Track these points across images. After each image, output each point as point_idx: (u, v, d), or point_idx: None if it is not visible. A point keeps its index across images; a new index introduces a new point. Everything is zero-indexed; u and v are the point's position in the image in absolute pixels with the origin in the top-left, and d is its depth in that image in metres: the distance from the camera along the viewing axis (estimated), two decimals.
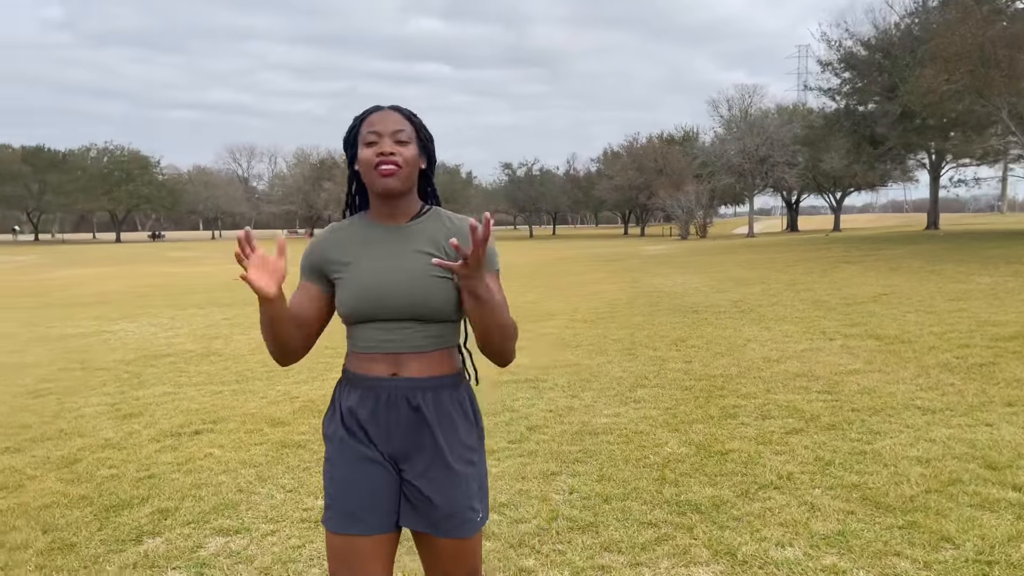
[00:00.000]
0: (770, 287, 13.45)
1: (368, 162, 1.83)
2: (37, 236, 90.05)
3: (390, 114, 1.88)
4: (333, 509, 1.84)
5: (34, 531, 3.55)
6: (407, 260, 1.85)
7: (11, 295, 17.89)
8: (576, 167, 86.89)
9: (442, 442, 1.86)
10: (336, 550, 1.83)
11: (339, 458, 1.87)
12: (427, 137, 1.94)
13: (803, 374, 6.25)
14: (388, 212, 1.91)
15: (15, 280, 23.81)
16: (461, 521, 1.88)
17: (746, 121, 50.66)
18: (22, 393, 6.66)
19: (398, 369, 1.85)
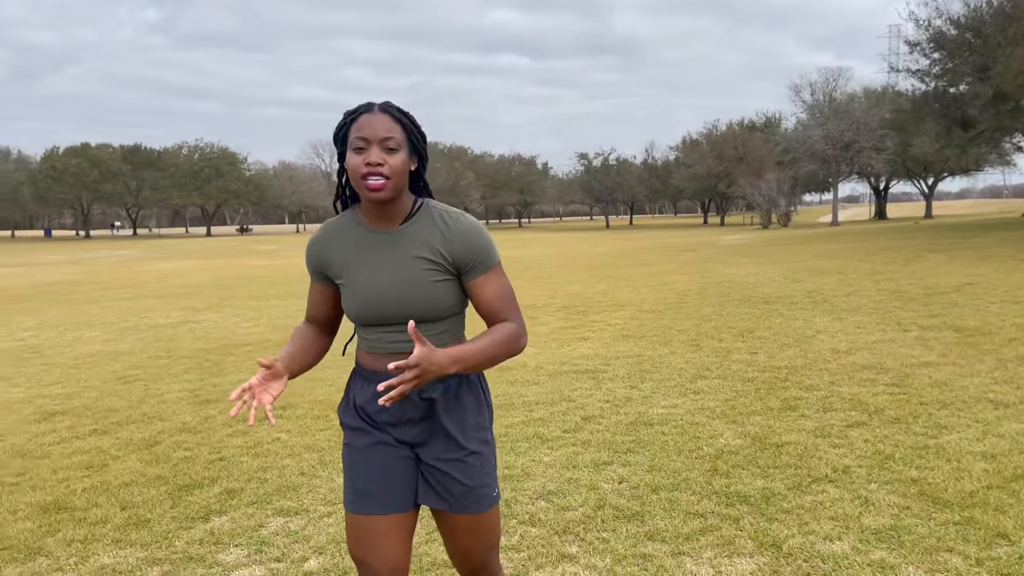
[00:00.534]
0: (847, 277, 13.04)
1: (355, 171, 1.80)
2: (135, 231, 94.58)
3: (380, 118, 1.82)
4: (355, 491, 1.93)
5: (113, 508, 3.81)
6: (406, 268, 1.87)
7: (111, 287, 18.92)
8: (654, 156, 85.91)
9: (455, 428, 1.95)
10: (355, 529, 1.93)
11: (356, 443, 1.96)
12: (419, 138, 1.88)
13: (872, 366, 6.08)
14: (379, 216, 1.89)
15: (115, 272, 25.14)
16: (478, 497, 1.97)
17: (831, 106, 48.98)
18: (112, 379, 7.08)
19: None
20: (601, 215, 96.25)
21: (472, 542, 2.00)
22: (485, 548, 2.03)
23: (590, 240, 42.02)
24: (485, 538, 2.02)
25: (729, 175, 62.70)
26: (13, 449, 4.89)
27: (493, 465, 2.03)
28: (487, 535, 2.02)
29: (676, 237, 40.65)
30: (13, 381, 7.17)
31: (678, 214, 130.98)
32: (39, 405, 6.10)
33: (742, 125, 70.39)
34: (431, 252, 1.88)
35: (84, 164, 79.03)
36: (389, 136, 1.80)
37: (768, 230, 45.15)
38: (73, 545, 3.38)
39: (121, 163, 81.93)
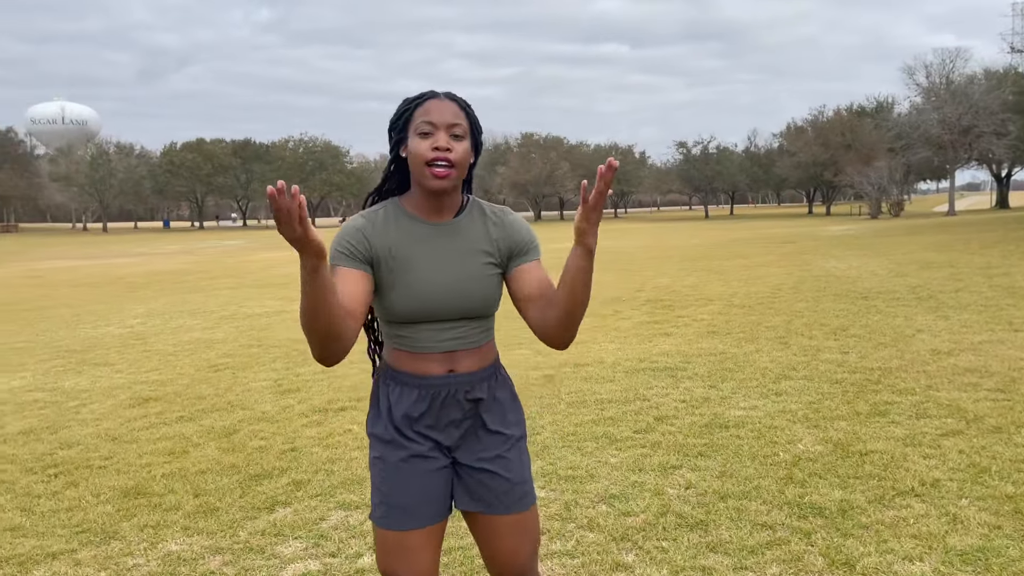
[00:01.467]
0: (958, 271, 12.24)
1: (421, 155, 1.74)
2: (245, 222, 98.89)
3: (448, 104, 1.78)
4: (388, 506, 1.85)
5: (187, 494, 3.94)
6: (465, 263, 1.84)
7: (216, 276, 19.80)
8: (757, 144, 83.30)
9: (498, 426, 1.92)
10: (386, 543, 1.86)
11: (392, 457, 1.86)
12: (479, 130, 1.85)
13: (975, 369, 5.66)
14: (435, 208, 1.83)
15: (222, 262, 26.31)
16: (522, 494, 1.92)
17: (948, 88, 46.18)
18: (205, 367, 7.38)
19: (454, 366, 1.87)
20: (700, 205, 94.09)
21: (514, 546, 1.93)
22: (528, 554, 1.95)
23: (686, 231, 41.15)
24: (528, 542, 1.95)
25: (836, 163, 60.16)
26: (106, 433, 5.14)
27: (529, 461, 1.99)
28: (529, 538, 1.95)
29: (777, 228, 39.28)
30: (116, 367, 7.56)
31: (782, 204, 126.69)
32: (136, 391, 6.40)
33: (850, 110, 67.34)
34: (489, 245, 1.87)
35: (199, 159, 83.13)
36: (456, 123, 1.76)
37: (877, 220, 43.06)
38: (146, 531, 3.51)
39: (232, 157, 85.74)
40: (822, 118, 68.14)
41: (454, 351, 1.86)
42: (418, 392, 1.86)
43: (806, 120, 70.95)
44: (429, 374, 1.85)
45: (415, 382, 1.86)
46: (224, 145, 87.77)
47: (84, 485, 4.11)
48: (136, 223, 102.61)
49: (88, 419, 5.53)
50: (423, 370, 1.85)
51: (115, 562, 3.20)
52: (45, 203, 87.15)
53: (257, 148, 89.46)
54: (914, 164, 49.68)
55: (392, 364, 1.90)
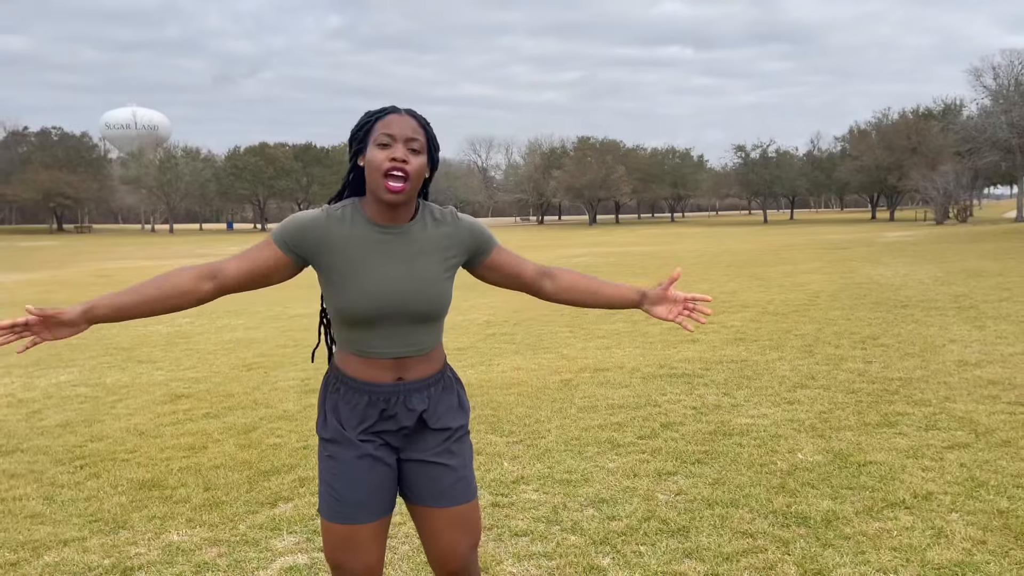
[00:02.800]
0: (1008, 280, 11.85)
1: (377, 166, 1.81)
2: None
3: (407, 119, 1.86)
4: (340, 502, 1.92)
5: (198, 488, 4.13)
6: (418, 266, 1.91)
7: None
8: (820, 147, 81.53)
9: (445, 424, 2.01)
10: (339, 539, 1.95)
11: (344, 455, 1.94)
12: (436, 147, 1.95)
13: (999, 381, 5.52)
14: (389, 216, 1.90)
15: None
16: (464, 487, 2.00)
17: (1017, 91, 44.49)
18: (239, 365, 7.64)
19: (403, 373, 1.94)
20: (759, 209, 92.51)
21: (456, 538, 2.00)
22: (468, 546, 2.03)
23: (741, 236, 40.55)
24: (469, 534, 2.02)
25: (900, 167, 58.54)
26: (135, 428, 5.40)
27: (471, 457, 2.07)
28: (470, 531, 2.02)
29: (835, 233, 38.41)
30: (158, 364, 7.89)
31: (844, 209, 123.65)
32: (171, 388, 6.68)
33: (916, 113, 65.42)
34: (443, 249, 1.95)
35: (261, 162, 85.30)
36: (415, 137, 1.86)
37: (942, 226, 41.75)
38: (153, 521, 3.70)
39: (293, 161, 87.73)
40: (886, 121, 66.38)
41: (404, 358, 1.93)
42: (368, 399, 1.93)
43: (870, 123, 69.27)
44: (378, 381, 1.93)
45: (365, 388, 1.93)
46: (286, 149, 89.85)
47: (105, 477, 4.34)
48: (201, 225, 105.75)
49: (122, 414, 5.80)
50: (373, 377, 1.93)
51: (120, 550, 3.39)
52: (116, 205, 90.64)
53: (317, 152, 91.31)
54: (981, 168, 47.94)
55: (342, 368, 1.97)
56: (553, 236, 50.91)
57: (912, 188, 55.30)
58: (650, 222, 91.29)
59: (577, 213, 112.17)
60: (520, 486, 3.95)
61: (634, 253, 25.68)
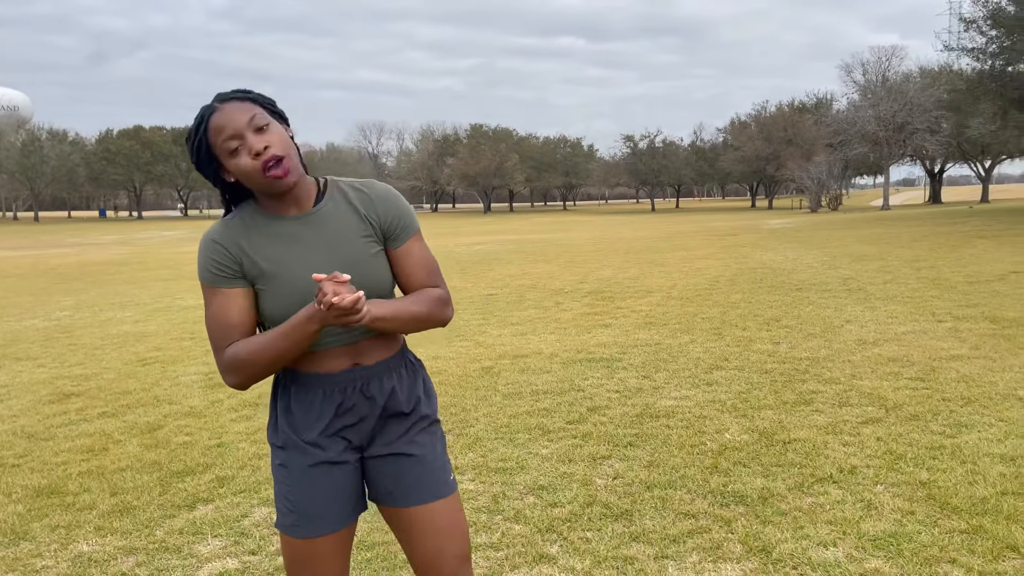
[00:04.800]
0: (888, 263, 12.60)
1: (248, 172, 1.63)
2: (186, 212, 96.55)
3: (229, 107, 1.64)
4: (297, 515, 1.77)
5: (103, 493, 3.81)
6: (343, 249, 1.73)
7: (153, 268, 19.28)
8: (703, 138, 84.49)
9: (411, 411, 1.84)
10: (299, 555, 1.78)
11: (297, 464, 1.77)
12: (279, 110, 1.74)
13: (898, 359, 5.82)
14: (290, 202, 1.73)
15: (159, 253, 25.63)
16: (437, 478, 1.83)
17: (884, 86, 47.46)
18: (133, 361, 7.16)
19: (359, 359, 1.77)
20: (647, 198, 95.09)
21: (438, 545, 1.81)
22: (454, 556, 1.82)
23: (632, 224, 41.57)
24: (452, 539, 1.82)
25: (778, 157, 61.40)
26: (22, 431, 4.95)
27: (444, 448, 1.90)
28: (453, 536, 1.82)
29: (720, 221, 39.94)
30: (39, 361, 7.30)
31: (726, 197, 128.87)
32: (58, 386, 6.18)
33: (792, 106, 68.75)
34: (361, 223, 1.75)
35: (136, 146, 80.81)
36: (250, 116, 1.63)
37: (816, 214, 44.12)
38: (57, 531, 3.39)
39: (172, 145, 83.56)
40: (765, 113, 69.45)
41: (357, 342, 1.76)
42: (322, 392, 1.75)
43: (750, 116, 72.28)
44: (332, 371, 1.75)
45: (317, 382, 1.75)
46: (164, 133, 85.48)
47: None
48: (70, 212, 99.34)
49: (4, 416, 5.32)
50: (326, 368, 1.74)
51: (23, 564, 3.08)
52: None
53: None
54: (852, 160, 50.93)
55: (292, 365, 1.77)
56: (448, 224, 50.67)
57: (789, 178, 58.13)
58: (543, 210, 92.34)
59: (471, 201, 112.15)
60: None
61: (533, 240, 25.85)
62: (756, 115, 70.77)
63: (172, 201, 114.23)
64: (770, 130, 64.82)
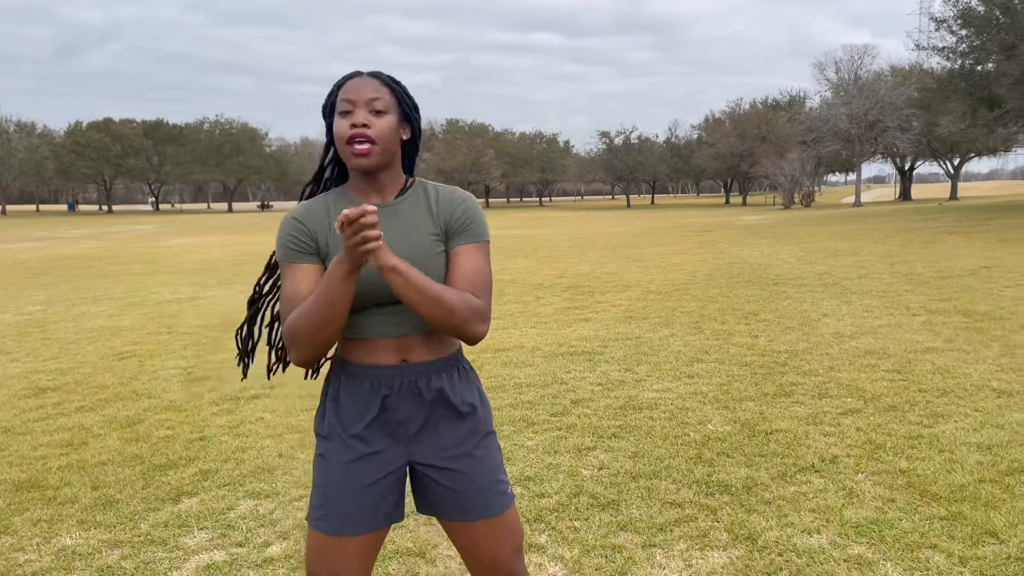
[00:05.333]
0: (862, 259, 12.78)
1: (341, 135, 1.70)
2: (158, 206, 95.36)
3: (367, 81, 1.73)
4: (324, 509, 1.75)
5: (85, 487, 3.77)
6: (410, 242, 1.74)
7: (126, 262, 19.02)
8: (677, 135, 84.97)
9: (461, 421, 1.81)
10: (322, 550, 1.76)
11: (337, 457, 1.76)
12: (411, 106, 1.78)
13: (874, 351, 5.92)
14: (372, 188, 1.77)
15: (132, 247, 25.29)
16: (494, 495, 1.80)
17: (856, 84, 48.03)
18: (109, 355, 7.07)
19: (407, 355, 1.76)
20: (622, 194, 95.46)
21: (495, 548, 1.80)
22: (511, 552, 1.82)
23: (608, 219, 41.72)
24: (509, 541, 1.81)
25: (752, 154, 61.88)
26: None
27: (501, 459, 1.88)
28: (511, 538, 1.82)
29: (695, 217, 40.21)
30: (12, 355, 7.18)
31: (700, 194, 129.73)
32: (33, 380, 6.09)
33: (766, 104, 69.34)
34: (431, 221, 1.77)
35: (106, 139, 79.55)
36: (376, 97, 1.71)
37: (789, 210, 44.57)
38: (39, 525, 3.34)
39: (143, 138, 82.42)
40: (739, 111, 69.97)
41: (406, 336, 1.74)
42: (370, 384, 1.75)
43: (724, 112, 72.78)
44: (380, 363, 1.75)
45: (365, 373, 1.75)
46: (134, 125, 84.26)
47: None
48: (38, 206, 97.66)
49: None
50: (374, 359, 1.74)
51: (5, 557, 3.04)
52: None
53: (170, 129, 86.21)
54: (824, 157, 51.49)
55: (342, 355, 1.79)
56: None
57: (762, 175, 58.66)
58: (519, 206, 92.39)
59: None
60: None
61: (510, 236, 25.86)
62: (730, 112, 71.25)
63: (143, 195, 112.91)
64: (744, 127, 65.30)
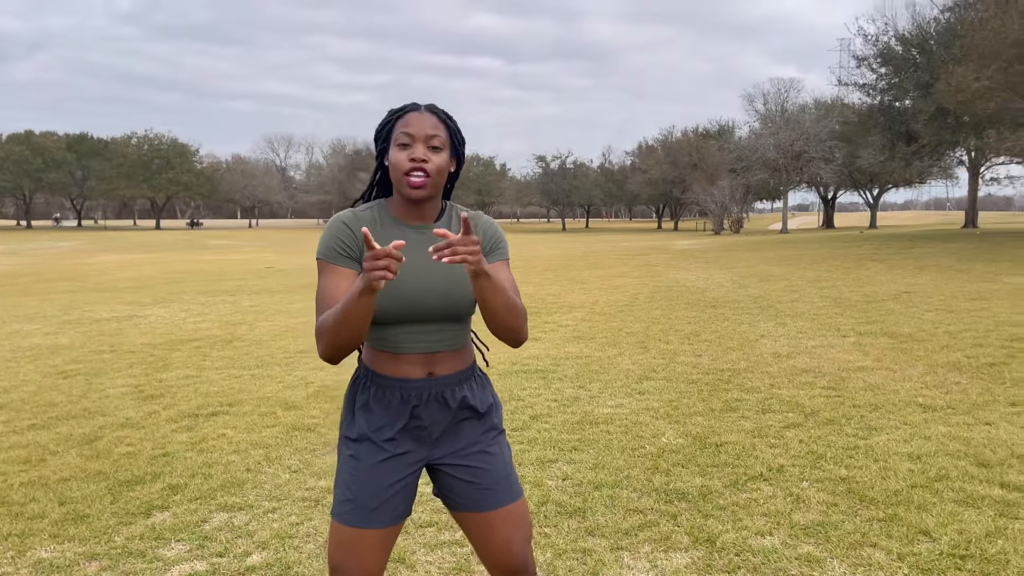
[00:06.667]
0: (793, 283, 13.38)
1: (399, 166, 1.82)
2: (80, 222, 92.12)
3: (427, 117, 1.86)
4: (353, 503, 1.88)
5: (51, 503, 3.75)
6: (447, 265, 1.88)
7: (51, 279, 18.43)
8: (611, 160, 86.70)
9: (478, 424, 1.98)
10: (345, 541, 1.88)
11: (368, 458, 1.90)
12: (460, 141, 1.94)
13: (810, 370, 6.28)
14: (415, 213, 1.91)
15: (56, 265, 24.47)
16: (509, 484, 1.97)
17: (782, 116, 50.03)
18: (52, 373, 6.94)
19: (434, 368, 1.91)
20: (558, 218, 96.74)
21: (509, 536, 1.95)
22: (522, 540, 1.98)
23: (546, 242, 42.24)
24: (522, 530, 1.98)
25: (683, 181, 63.58)
26: None
27: (511, 455, 2.05)
28: (523, 526, 1.98)
29: (630, 241, 41.08)
30: None
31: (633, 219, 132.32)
32: None
33: (697, 132, 71.42)
34: None
35: (27, 152, 76.67)
36: (435, 134, 1.84)
37: (720, 236, 45.93)
38: (10, 539, 3.33)
39: (66, 152, 79.73)
40: (671, 138, 71.89)
41: (435, 352, 1.90)
42: (399, 395, 1.89)
43: (656, 140, 74.67)
44: (409, 376, 1.89)
45: (395, 385, 1.89)
46: (57, 138, 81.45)
47: None
48: None
49: None
50: (403, 372, 1.89)
51: None
52: None
53: (95, 143, 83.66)
54: (753, 185, 53.36)
55: (371, 365, 1.93)
56: None
57: (693, 201, 60.29)
58: None
59: None
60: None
61: None
62: (663, 139, 73.17)
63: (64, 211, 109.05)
64: (676, 154, 67.10)
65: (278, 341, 8.48)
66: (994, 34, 18.81)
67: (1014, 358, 6.47)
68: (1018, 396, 5.27)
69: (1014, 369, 6.07)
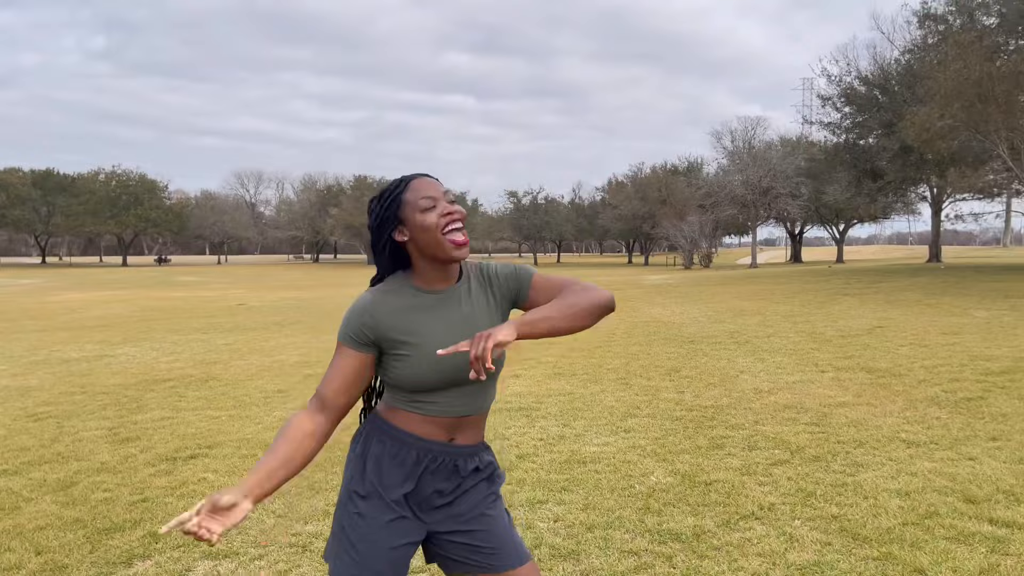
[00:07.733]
0: (767, 318, 13.51)
1: (435, 226, 1.78)
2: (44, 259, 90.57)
3: (431, 179, 1.86)
4: (359, 565, 1.83)
5: (27, 552, 3.63)
6: (476, 327, 1.86)
7: (15, 318, 18.03)
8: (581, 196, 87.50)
9: (485, 490, 1.96)
10: None
11: (377, 517, 1.86)
12: None
13: (793, 406, 6.31)
14: (442, 277, 1.88)
15: (20, 302, 23.97)
16: (515, 545, 1.95)
17: (750, 153, 50.98)
18: (22, 416, 6.75)
19: (456, 435, 1.90)
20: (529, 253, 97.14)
21: None
22: None
23: None
24: None
25: (653, 216, 64.26)
26: None
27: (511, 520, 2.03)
28: None
29: (601, 276, 41.29)
30: None
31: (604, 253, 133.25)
32: None
33: (666, 169, 72.42)
34: (494, 301, 1.92)
35: None
36: (447, 190, 1.85)
37: (690, 271, 46.37)
38: None
39: (31, 188, 78.60)
40: (641, 175, 72.81)
41: (463, 417, 1.89)
42: (416, 454, 1.87)
43: (627, 176, 75.59)
44: (432, 439, 1.88)
45: (414, 443, 1.87)
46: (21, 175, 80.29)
47: None
48: None
49: None
50: (426, 433, 1.87)
51: None
52: None
53: (61, 179, 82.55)
54: (721, 220, 54.08)
55: (390, 420, 1.90)
56: (329, 276, 49.91)
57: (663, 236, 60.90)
58: None
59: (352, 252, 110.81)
60: None
61: None
62: (633, 176, 74.07)
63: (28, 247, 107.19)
64: (646, 190, 67.90)
65: (254, 381, 8.35)
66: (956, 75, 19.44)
67: (990, 392, 6.56)
68: (998, 430, 5.34)
69: (991, 403, 6.15)
